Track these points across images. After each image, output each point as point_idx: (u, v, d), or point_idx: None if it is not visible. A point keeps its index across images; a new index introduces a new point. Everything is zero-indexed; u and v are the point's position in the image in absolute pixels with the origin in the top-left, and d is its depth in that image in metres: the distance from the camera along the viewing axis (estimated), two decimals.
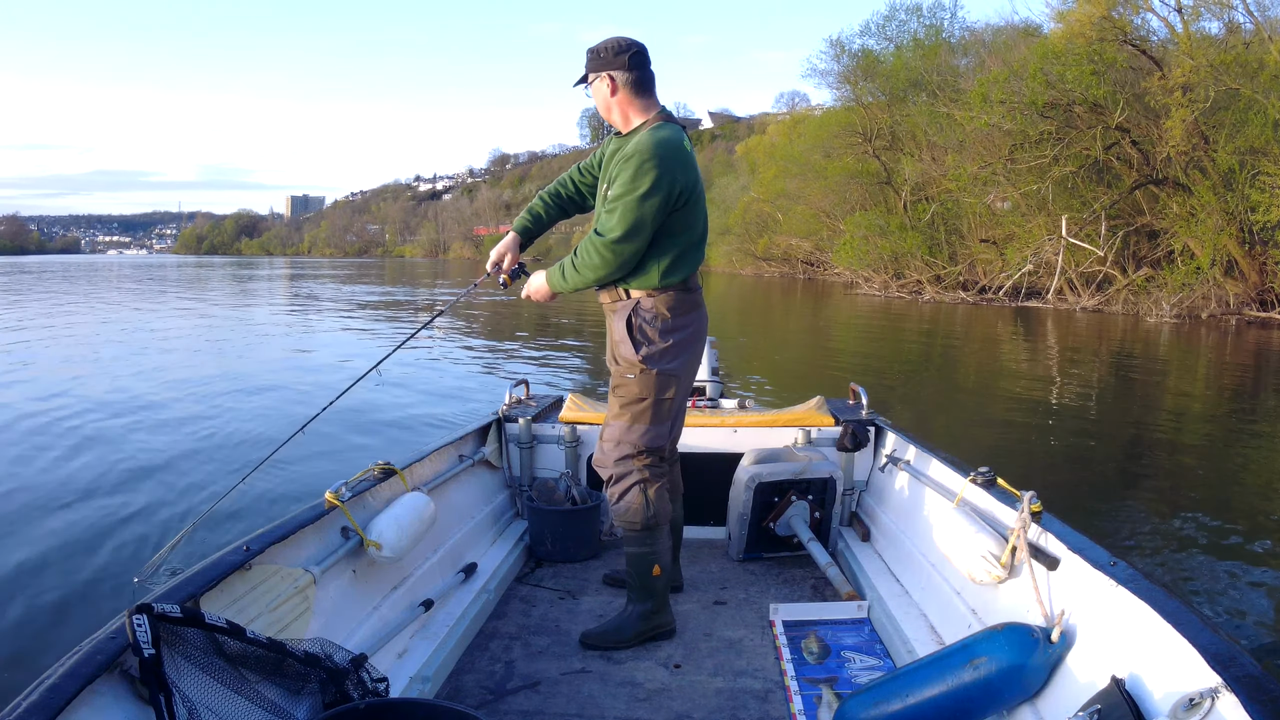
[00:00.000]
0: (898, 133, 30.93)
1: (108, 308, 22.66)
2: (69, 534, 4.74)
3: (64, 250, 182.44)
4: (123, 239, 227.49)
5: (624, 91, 2.50)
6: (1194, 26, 20.30)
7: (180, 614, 1.51)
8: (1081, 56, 20.43)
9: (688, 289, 2.55)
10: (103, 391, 9.18)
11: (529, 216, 2.84)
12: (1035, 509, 2.16)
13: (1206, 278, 19.35)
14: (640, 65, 2.51)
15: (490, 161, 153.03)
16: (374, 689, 1.84)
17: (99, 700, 1.39)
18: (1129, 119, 20.89)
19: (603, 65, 2.50)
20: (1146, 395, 10.52)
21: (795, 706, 2.25)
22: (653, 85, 2.56)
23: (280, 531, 2.08)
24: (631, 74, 2.50)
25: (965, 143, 24.64)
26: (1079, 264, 22.59)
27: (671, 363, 2.54)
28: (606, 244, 2.40)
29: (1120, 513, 5.41)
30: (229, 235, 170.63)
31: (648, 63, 2.54)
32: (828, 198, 35.07)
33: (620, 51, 2.49)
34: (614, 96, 2.51)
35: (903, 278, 28.86)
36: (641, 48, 2.53)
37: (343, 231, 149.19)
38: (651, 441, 2.57)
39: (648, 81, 2.54)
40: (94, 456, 6.41)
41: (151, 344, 14.19)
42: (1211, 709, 1.36)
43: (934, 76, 27.81)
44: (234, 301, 26.62)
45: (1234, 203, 18.91)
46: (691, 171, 2.47)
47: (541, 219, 2.84)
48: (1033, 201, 23.11)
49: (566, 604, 2.93)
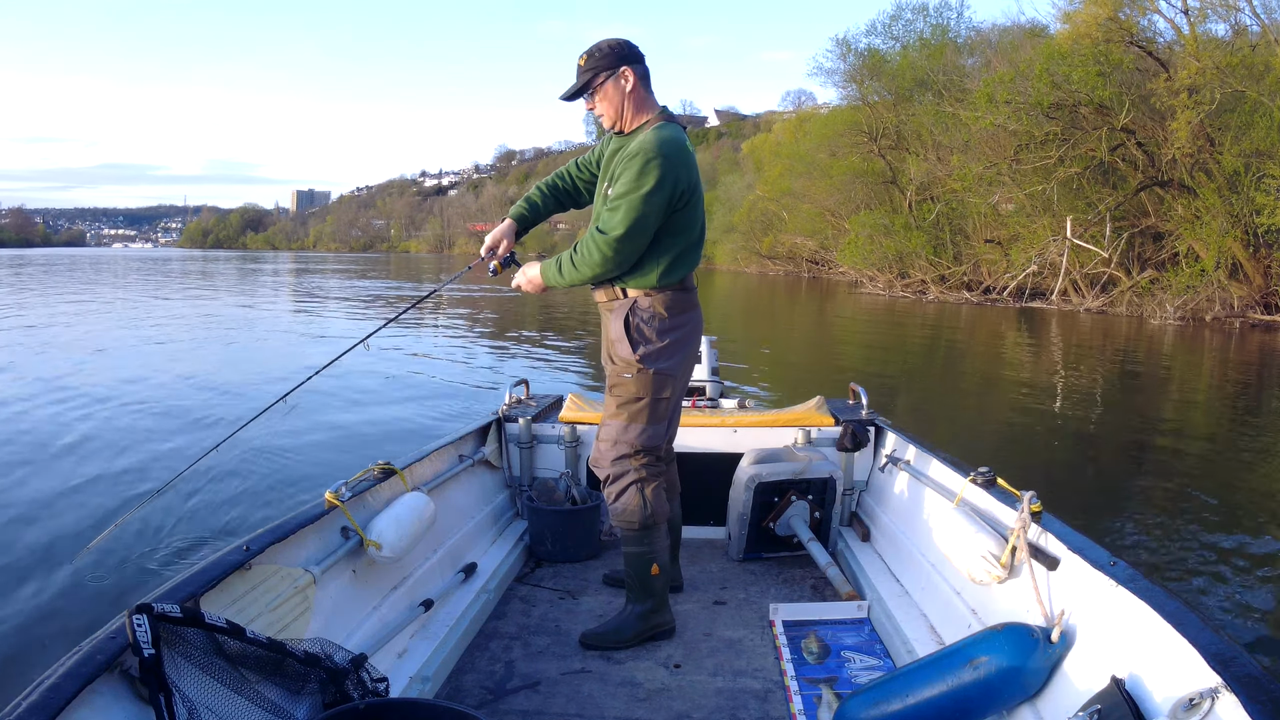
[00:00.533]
0: (903, 132, 30.93)
1: (114, 300, 22.69)
2: (69, 534, 4.74)
3: (69, 243, 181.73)
4: (128, 232, 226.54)
5: (640, 87, 2.50)
6: (1200, 28, 20.34)
7: (180, 614, 1.51)
8: (1087, 57, 20.42)
9: (684, 288, 2.56)
10: (106, 383, 9.18)
11: (526, 205, 2.84)
12: (1035, 509, 2.15)
13: (1211, 280, 19.33)
14: (644, 61, 2.52)
15: (496, 158, 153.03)
16: (374, 689, 1.84)
17: (99, 700, 1.39)
18: (1134, 120, 20.88)
19: (620, 60, 2.47)
20: (1149, 397, 10.52)
21: (795, 706, 2.25)
22: (651, 84, 2.57)
23: (280, 531, 2.08)
24: (642, 68, 2.51)
25: (971, 143, 24.63)
26: (1083, 265, 22.59)
27: (668, 362, 2.54)
28: (609, 241, 2.39)
29: (1120, 513, 5.41)
30: (234, 229, 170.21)
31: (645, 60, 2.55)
32: (833, 197, 35.10)
33: (630, 46, 2.50)
34: (632, 91, 2.49)
35: (907, 277, 28.90)
36: (637, 46, 2.53)
37: (348, 226, 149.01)
38: (649, 441, 2.57)
39: (649, 79, 2.55)
40: (93, 454, 6.41)
41: (156, 336, 14.22)
42: (1211, 709, 1.36)
43: (940, 76, 27.83)
44: (241, 294, 26.65)
45: (1239, 205, 18.90)
46: (693, 171, 2.48)
47: (538, 209, 2.83)
48: (1038, 202, 23.09)
49: (566, 604, 2.93)
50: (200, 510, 5.12)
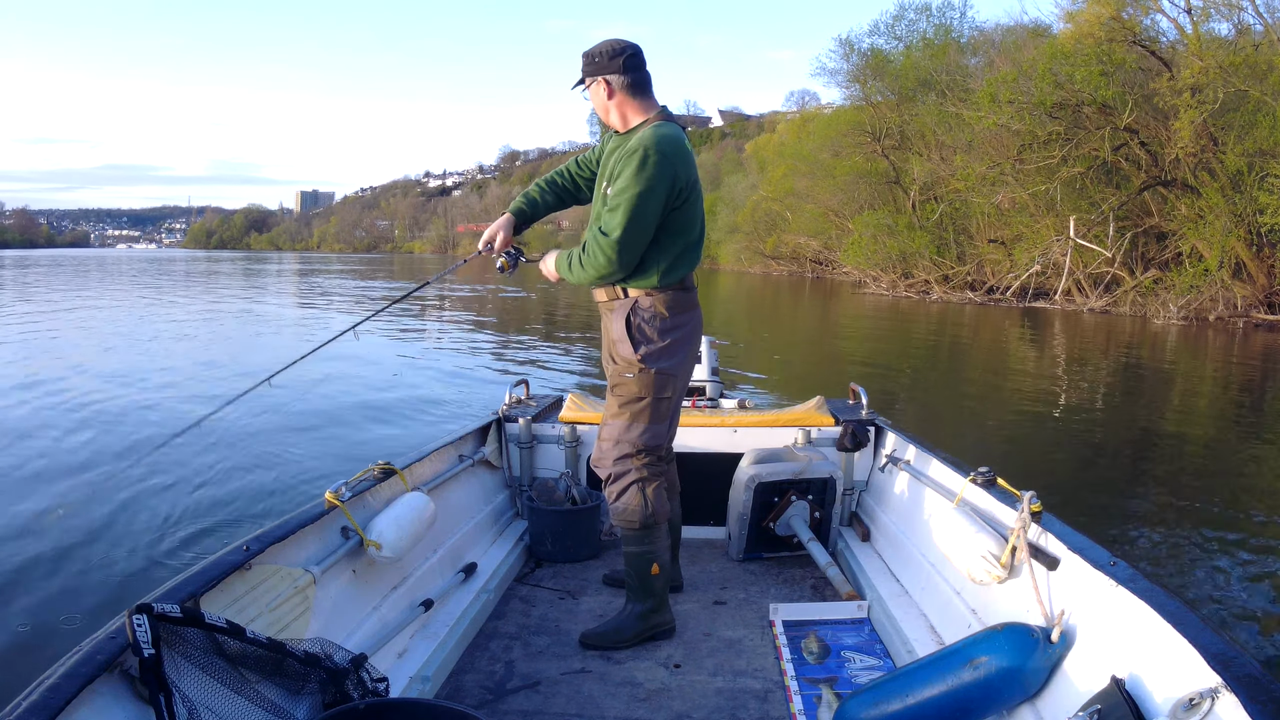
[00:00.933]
0: (906, 132, 30.88)
1: (120, 301, 22.72)
2: (68, 532, 4.75)
3: (73, 244, 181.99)
4: (132, 233, 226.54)
5: (620, 94, 2.51)
6: (1204, 28, 20.26)
7: (180, 614, 1.51)
8: (1090, 57, 20.38)
9: (685, 288, 2.57)
10: (103, 383, 9.19)
11: (525, 201, 2.85)
12: (1035, 509, 2.15)
13: (1214, 280, 19.29)
14: (635, 67, 2.51)
15: (500, 158, 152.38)
16: (374, 689, 1.85)
17: (99, 700, 1.39)
18: (1138, 120, 20.84)
19: (598, 70, 2.50)
20: (1152, 396, 10.51)
21: (795, 706, 2.25)
22: (650, 86, 2.56)
23: (280, 531, 2.08)
24: (627, 76, 2.50)
25: (974, 143, 24.58)
26: (1087, 265, 22.55)
27: (670, 361, 2.54)
28: (611, 243, 2.41)
29: (1120, 513, 5.41)
30: (238, 230, 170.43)
31: (643, 64, 2.54)
32: (836, 197, 35.05)
33: (615, 55, 2.49)
34: (611, 100, 2.52)
35: (911, 277, 28.84)
36: (636, 50, 2.53)
37: (352, 227, 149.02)
38: (650, 440, 2.58)
39: (644, 83, 2.54)
40: (93, 450, 6.42)
41: (161, 336, 14.23)
42: (1211, 709, 1.36)
43: (943, 76, 27.79)
44: (247, 296, 26.67)
45: (1242, 205, 18.87)
46: (691, 169, 2.48)
47: (538, 205, 2.85)
48: (1041, 202, 23.04)
49: (566, 604, 2.93)
50: (200, 510, 5.13)
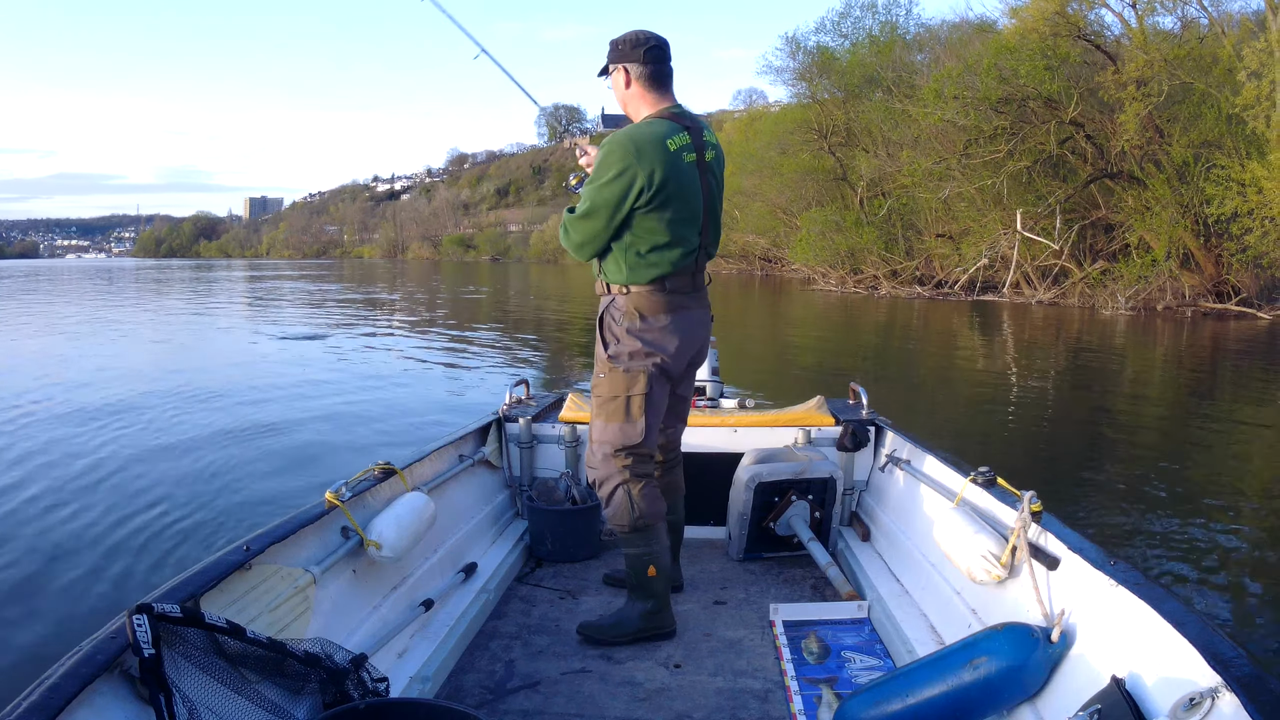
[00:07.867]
0: (853, 129, 30.82)
1: (98, 310, 22.68)
2: (68, 531, 4.74)
3: (22, 255, 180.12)
4: (81, 243, 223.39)
5: (637, 85, 2.51)
6: (1148, 21, 20.41)
7: (180, 614, 1.51)
8: (1035, 52, 20.46)
9: (665, 290, 2.49)
10: (91, 388, 9.18)
11: None
12: (1035, 509, 2.16)
13: (1162, 270, 19.44)
14: (657, 60, 2.51)
15: (449, 161, 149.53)
16: (374, 689, 1.84)
17: (99, 700, 1.39)
18: (1083, 113, 20.97)
19: (620, 57, 2.52)
20: (1105, 384, 10.55)
21: (795, 706, 2.25)
22: (668, 81, 2.55)
23: (280, 531, 2.08)
24: (647, 68, 2.50)
25: (920, 138, 24.59)
26: (1035, 258, 22.58)
27: (639, 361, 2.51)
28: (569, 219, 2.51)
29: (1120, 513, 5.41)
30: (187, 238, 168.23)
31: (666, 58, 2.53)
32: (784, 194, 34.76)
33: (638, 44, 2.50)
34: (628, 89, 2.53)
35: (859, 273, 28.66)
36: (661, 42, 2.52)
37: (301, 233, 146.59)
38: (625, 439, 2.54)
39: (663, 76, 2.53)
40: (92, 450, 6.41)
41: (135, 342, 14.22)
42: (1211, 709, 1.36)
43: (889, 73, 27.79)
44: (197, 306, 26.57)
45: (1189, 195, 19.00)
46: (666, 170, 2.38)
47: None
48: (988, 196, 23.03)
49: (566, 604, 2.93)
50: (200, 510, 5.12)
